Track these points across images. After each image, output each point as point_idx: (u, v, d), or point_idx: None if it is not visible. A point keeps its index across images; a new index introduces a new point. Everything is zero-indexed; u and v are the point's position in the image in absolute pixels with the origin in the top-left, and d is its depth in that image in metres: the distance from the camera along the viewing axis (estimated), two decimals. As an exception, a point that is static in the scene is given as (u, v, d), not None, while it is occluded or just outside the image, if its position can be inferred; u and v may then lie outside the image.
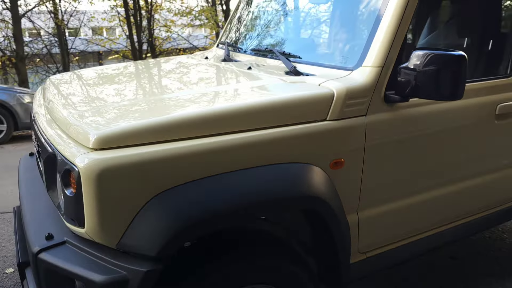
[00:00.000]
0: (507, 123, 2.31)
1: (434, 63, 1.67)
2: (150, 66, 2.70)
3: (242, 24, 2.85)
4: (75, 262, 1.48)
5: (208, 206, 1.44)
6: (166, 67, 2.63)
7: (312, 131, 1.68)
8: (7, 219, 3.55)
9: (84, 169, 1.32)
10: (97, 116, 1.59)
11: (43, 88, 2.37)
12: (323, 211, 1.68)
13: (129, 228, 1.40)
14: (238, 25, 2.89)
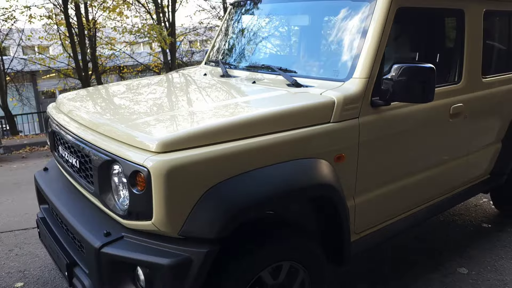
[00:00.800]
0: (458, 121, 2.84)
1: (408, 74, 2.11)
2: (164, 81, 2.97)
3: (232, 43, 3.18)
4: (138, 251, 1.72)
5: (251, 195, 1.76)
6: (178, 81, 2.90)
7: (320, 131, 2.05)
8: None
9: (153, 169, 1.59)
10: (152, 126, 1.85)
11: (58, 106, 2.54)
12: (333, 196, 2.05)
13: (189, 216, 1.67)
14: (226, 44, 3.22)
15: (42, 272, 3.04)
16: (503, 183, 3.48)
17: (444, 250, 3.30)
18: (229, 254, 1.79)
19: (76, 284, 1.95)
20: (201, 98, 2.44)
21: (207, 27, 18.65)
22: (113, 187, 1.83)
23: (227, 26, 3.31)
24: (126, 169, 1.68)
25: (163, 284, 1.67)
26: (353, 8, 2.39)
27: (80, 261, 1.99)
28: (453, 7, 2.74)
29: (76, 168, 2.09)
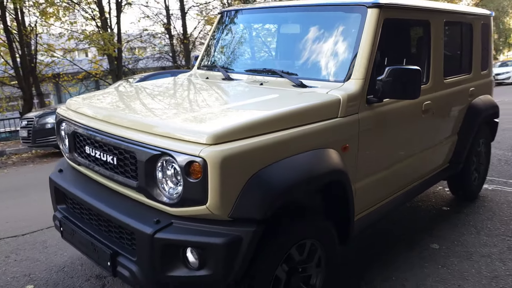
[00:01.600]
0: (427, 116, 3.29)
1: (395, 75, 2.49)
2: (175, 84, 3.16)
3: (227, 49, 3.42)
4: (189, 234, 1.92)
5: (286, 180, 2.02)
6: (189, 84, 3.10)
7: (331, 125, 2.37)
8: None
9: (209, 158, 1.80)
10: (197, 122, 2.05)
11: (77, 109, 2.62)
12: (344, 180, 2.37)
13: (237, 200, 1.89)
14: (221, 49, 3.45)
15: (49, 274, 3.07)
16: (459, 171, 4.03)
17: (416, 231, 3.76)
18: (268, 234, 2.03)
19: (122, 272, 2.09)
20: (224, 97, 2.67)
21: (151, 34, 18.53)
22: (159, 179, 2.01)
23: (219, 33, 3.54)
24: (181, 161, 1.87)
25: (216, 261, 1.88)
26: (348, 19, 2.75)
27: (123, 250, 2.13)
28: (421, 18, 3.19)
29: (111, 165, 2.22)
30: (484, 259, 3.26)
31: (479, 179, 4.52)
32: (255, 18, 3.44)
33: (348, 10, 2.78)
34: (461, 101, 3.86)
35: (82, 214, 2.49)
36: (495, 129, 4.60)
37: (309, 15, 3.01)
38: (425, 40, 3.26)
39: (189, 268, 1.96)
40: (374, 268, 3.13)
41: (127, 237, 2.14)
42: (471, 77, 4.01)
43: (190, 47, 18.27)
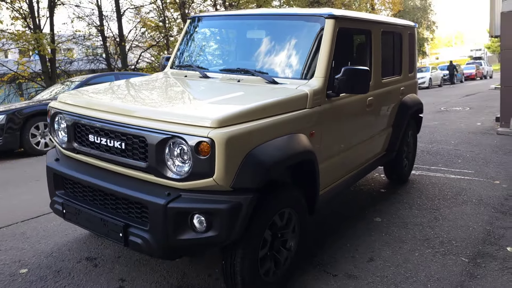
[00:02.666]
0: (370, 110, 3.93)
1: (348, 73, 3.06)
2: (160, 80, 3.51)
3: (199, 51, 3.81)
4: (197, 203, 2.32)
5: (273, 157, 2.48)
6: (175, 80, 3.46)
7: (302, 115, 2.88)
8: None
9: (217, 139, 2.21)
10: (199, 110, 2.44)
11: (76, 103, 2.87)
12: (313, 159, 2.88)
13: (237, 173, 2.32)
14: (194, 51, 3.84)
15: (39, 259, 3.25)
16: (393, 158, 4.75)
17: (361, 208, 4.41)
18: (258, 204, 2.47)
19: (134, 240, 2.42)
20: (213, 91, 3.06)
21: (85, 37, 18.10)
22: (168, 159, 2.38)
23: (190, 36, 3.92)
24: (191, 142, 2.25)
25: (221, 224, 2.29)
26: (309, 27, 3.29)
27: (133, 222, 2.46)
28: (365, 28, 3.82)
29: (119, 150, 2.54)
30: (417, 227, 3.96)
31: (408, 165, 5.31)
32: (223, 24, 3.88)
33: (309, 19, 3.32)
34: (395, 98, 4.58)
35: (85, 195, 2.76)
36: (420, 122, 5.43)
37: (275, 23, 3.51)
38: (368, 46, 3.90)
39: (196, 231, 2.35)
40: (330, 238, 3.69)
41: (136, 211, 2.47)
42: (401, 78, 4.76)
43: (127, 49, 18.08)
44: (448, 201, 4.63)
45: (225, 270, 2.53)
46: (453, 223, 4.03)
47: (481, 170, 5.80)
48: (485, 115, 11.17)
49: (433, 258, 3.36)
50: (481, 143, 7.57)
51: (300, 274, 3.08)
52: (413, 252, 3.46)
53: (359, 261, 3.32)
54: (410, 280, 3.05)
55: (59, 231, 3.81)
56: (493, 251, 3.47)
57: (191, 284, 2.95)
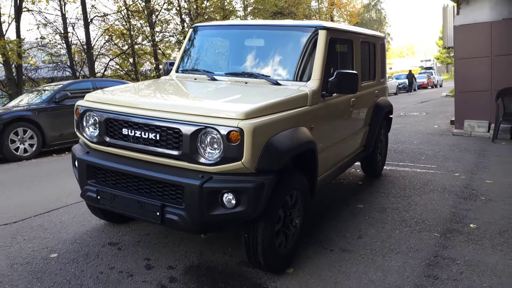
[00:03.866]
0: (352, 109, 4.50)
1: (339, 76, 3.60)
2: (178, 82, 3.90)
3: (204, 57, 4.24)
4: (228, 183, 2.74)
5: (288, 145, 2.96)
6: (190, 82, 3.87)
7: (304, 111, 3.38)
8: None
9: (246, 129, 2.66)
10: (226, 105, 2.88)
11: (111, 102, 3.21)
12: (315, 149, 3.37)
13: (260, 158, 2.77)
14: (199, 57, 4.26)
15: (65, 245, 3.54)
16: (369, 154, 5.35)
17: (345, 198, 4.96)
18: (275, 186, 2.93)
19: (170, 218, 2.81)
20: (229, 90, 3.49)
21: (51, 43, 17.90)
22: (201, 146, 2.79)
23: (193, 44, 4.35)
24: (223, 131, 2.68)
25: (248, 200, 2.72)
26: (306, 37, 3.80)
27: (168, 202, 2.85)
28: (348, 38, 4.40)
29: (153, 141, 2.92)
30: (394, 211, 4.55)
31: (382, 160, 5.95)
32: (226, 33, 4.34)
33: (305, 30, 3.84)
34: (371, 100, 5.19)
35: (117, 182, 3.11)
36: (390, 122, 6.09)
37: (273, 33, 4.01)
38: (350, 54, 4.48)
39: (225, 207, 2.77)
40: (322, 222, 4.19)
41: (171, 193, 2.87)
42: (375, 83, 5.38)
43: (94, 57, 18.04)
44: (417, 190, 5.28)
45: (248, 241, 2.97)
46: (424, 207, 4.65)
47: (442, 165, 6.54)
48: (440, 119, 12.19)
49: (411, 235, 3.94)
50: (439, 143, 8.39)
51: (302, 249, 3.56)
52: (394, 231, 4.03)
53: (350, 238, 3.84)
54: (394, 251, 3.59)
55: (75, 222, 4.09)
56: (459, 227, 4.09)
57: (209, 260, 3.35)
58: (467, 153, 7.45)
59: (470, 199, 4.92)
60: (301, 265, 3.31)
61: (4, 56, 12.59)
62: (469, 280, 3.11)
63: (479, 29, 9.02)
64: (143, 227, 3.96)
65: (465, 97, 9.31)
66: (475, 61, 9.09)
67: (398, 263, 3.37)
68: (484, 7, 9.00)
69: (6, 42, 11.83)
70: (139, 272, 3.14)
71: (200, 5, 19.89)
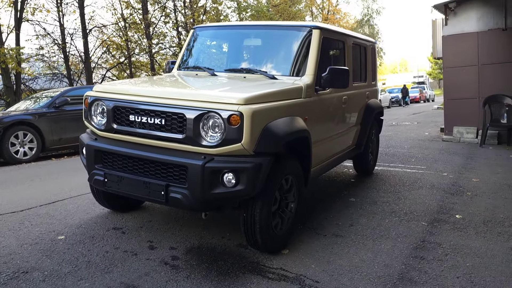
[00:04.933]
0: (345, 106, 4.75)
1: (332, 72, 3.85)
2: (188, 76, 4.14)
3: (203, 55, 4.49)
4: (228, 163, 2.96)
5: (284, 130, 3.19)
6: (191, 77, 4.10)
7: (299, 102, 3.61)
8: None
9: (245, 112, 2.88)
10: (229, 92, 3.11)
11: (118, 91, 3.43)
12: (309, 137, 3.60)
13: (258, 141, 2.99)
14: (199, 55, 4.51)
15: (71, 229, 3.71)
16: (361, 153, 5.59)
17: (337, 193, 5.17)
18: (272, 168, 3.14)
19: (174, 196, 3.01)
20: (229, 82, 3.73)
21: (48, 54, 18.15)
22: (202, 130, 3.01)
23: (194, 43, 4.60)
24: (224, 115, 2.90)
25: (248, 179, 2.93)
26: (300, 36, 4.06)
27: (172, 182, 3.05)
28: (341, 39, 4.67)
29: (159, 125, 3.13)
30: (384, 204, 4.77)
31: (373, 160, 6.19)
32: (225, 33, 4.60)
33: (300, 30, 4.11)
34: (362, 100, 5.45)
35: (124, 166, 3.31)
36: (381, 124, 6.35)
37: (270, 32, 4.27)
38: (342, 54, 4.75)
39: (226, 186, 2.98)
40: (315, 213, 4.40)
41: (175, 173, 3.07)
42: (366, 84, 5.65)
43: (93, 67, 18.30)
44: (407, 186, 5.51)
45: (246, 220, 3.17)
46: (413, 201, 4.87)
47: (431, 166, 6.79)
48: (431, 127, 12.51)
49: (400, 223, 4.15)
50: (429, 147, 8.67)
51: (297, 234, 3.76)
52: (384, 220, 4.24)
53: (342, 226, 4.05)
54: (384, 237, 3.80)
55: (80, 210, 4.27)
56: (445, 218, 4.32)
57: (209, 243, 3.54)
58: (455, 156, 7.72)
59: (457, 194, 5.16)
60: (296, 247, 3.51)
61: (4, 63, 12.79)
62: (453, 260, 3.32)
63: (467, 39, 9.40)
64: (145, 215, 4.15)
65: (454, 104, 9.63)
66: (463, 70, 9.45)
67: (388, 246, 3.58)
68: (471, 18, 9.39)
69: (7, 50, 12.03)
70: (143, 251, 3.32)
71: (197, 18, 20.32)
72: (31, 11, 16.20)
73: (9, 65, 12.64)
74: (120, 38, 20.23)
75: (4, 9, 16.01)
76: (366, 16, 41.69)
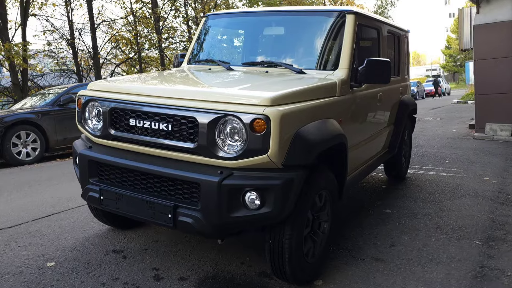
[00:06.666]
0: (380, 104, 4.11)
1: (374, 65, 3.22)
2: (200, 71, 3.58)
3: (218, 46, 3.88)
4: (251, 180, 2.36)
5: (318, 137, 2.57)
6: (205, 72, 3.51)
7: (333, 101, 2.99)
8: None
9: (273, 116, 2.27)
10: (251, 91, 2.51)
11: (120, 91, 2.85)
12: (345, 143, 2.98)
13: (288, 151, 2.38)
14: (212, 47, 3.90)
15: (63, 253, 3.15)
16: (394, 156, 4.94)
17: (369, 202, 4.54)
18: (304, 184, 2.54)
19: (184, 220, 2.42)
20: (249, 78, 3.14)
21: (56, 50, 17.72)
22: (220, 138, 2.41)
23: (206, 34, 3.99)
24: (246, 119, 2.30)
25: (275, 199, 2.33)
26: (332, 22, 3.43)
27: (182, 203, 2.47)
28: (375, 26, 4.02)
29: (165, 132, 2.54)
30: (426, 216, 4.13)
31: (406, 163, 5.53)
32: (243, 21, 3.98)
33: (330, 15, 3.47)
34: (396, 97, 4.80)
35: (123, 180, 2.73)
36: (414, 122, 5.69)
37: (295, 19, 3.65)
38: (377, 43, 4.10)
39: (248, 208, 2.38)
40: (348, 228, 3.78)
41: (185, 191, 2.48)
42: (400, 79, 4.99)
43: (101, 63, 17.82)
44: (447, 194, 4.85)
45: (273, 248, 2.57)
46: (458, 213, 4.23)
47: (469, 169, 6.11)
48: (457, 124, 11.75)
49: (449, 242, 3.52)
50: (461, 147, 7.97)
51: (330, 259, 3.15)
52: (430, 238, 3.61)
53: (382, 246, 3.43)
54: (434, 261, 3.17)
55: (76, 228, 3.71)
56: (501, 235, 3.67)
57: (226, 270, 2.95)
58: (492, 157, 7.02)
59: (507, 204, 4.49)
60: (330, 277, 2.91)
61: (9, 60, 12.34)
62: (525, 294, 2.69)
63: (500, 28, 8.64)
64: (151, 233, 3.57)
65: (486, 99, 8.89)
66: (496, 62, 8.70)
67: (441, 275, 2.95)
68: (505, 5, 8.63)
69: (12, 46, 11.56)
70: (147, 284, 2.74)
71: (207, 12, 19.70)
72: (38, 5, 15.75)
73: (14, 62, 12.15)
74: (130, 33, 19.72)
75: (11, 3, 15.65)
76: (380, 8, 40.56)
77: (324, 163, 2.99)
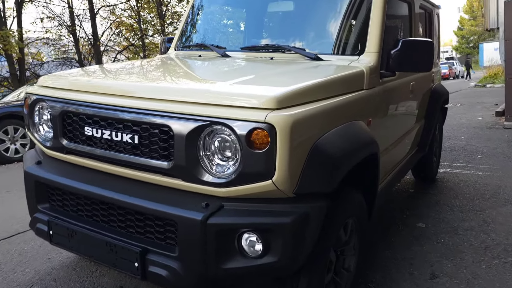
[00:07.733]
0: (413, 95, 3.35)
1: (411, 47, 2.45)
2: (185, 60, 2.82)
3: (212, 27, 3.13)
4: (248, 216, 1.64)
5: (343, 150, 1.84)
6: (192, 61, 2.78)
7: (360, 97, 2.24)
8: None
9: (279, 124, 1.55)
10: (251, 87, 1.77)
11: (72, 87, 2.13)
12: (378, 154, 2.24)
13: (302, 173, 1.66)
14: (205, 29, 3.15)
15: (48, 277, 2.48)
16: (424, 155, 4.17)
17: (399, 212, 3.81)
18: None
19: (156, 272, 1.72)
20: (250, 68, 2.40)
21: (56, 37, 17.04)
22: (205, 155, 1.69)
23: (198, 14, 3.24)
24: (240, 129, 1.58)
25: (284, 244, 1.62)
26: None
27: (154, 247, 1.76)
28: (407, 0, 3.22)
29: (130, 145, 1.83)
30: (468, 232, 3.38)
31: (436, 162, 4.76)
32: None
33: (354, -16, 2.69)
34: (428, 85, 4.02)
35: (80, 210, 2.03)
36: (445, 114, 4.90)
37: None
38: (408, 20, 3.31)
39: (246, 257, 1.67)
40: (376, 251, 3.06)
41: (158, 230, 1.77)
42: (431, 63, 4.19)
43: (102, 50, 17.12)
44: (488, 201, 4.09)
45: (283, 306, 1.86)
46: (507, 227, 3.47)
47: (507, 166, 5.32)
48: (481, 110, 10.85)
49: (504, 270, 2.79)
50: (492, 138, 7.14)
51: (357, 299, 2.44)
52: (479, 264, 2.88)
53: (420, 278, 2.71)
54: (490, 300, 2.45)
55: (40, 254, 3.02)
56: None
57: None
58: (531, 150, 6.20)
59: None
60: (359, 329, 2.20)
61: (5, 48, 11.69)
62: None
63: (535, 4, 7.72)
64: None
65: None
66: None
67: (504, 323, 2.23)
68: (541, -22, 7.69)
69: (7, 33, 10.87)
70: None
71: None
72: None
73: (8, 50, 11.49)
74: (132, 18, 18.95)
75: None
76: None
77: (349, 180, 2.26)
